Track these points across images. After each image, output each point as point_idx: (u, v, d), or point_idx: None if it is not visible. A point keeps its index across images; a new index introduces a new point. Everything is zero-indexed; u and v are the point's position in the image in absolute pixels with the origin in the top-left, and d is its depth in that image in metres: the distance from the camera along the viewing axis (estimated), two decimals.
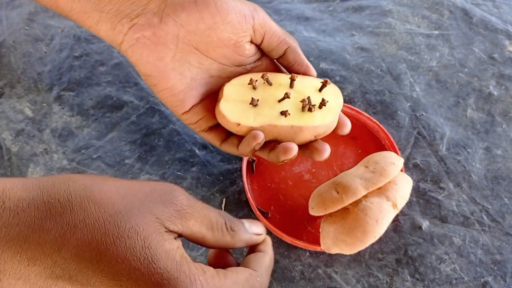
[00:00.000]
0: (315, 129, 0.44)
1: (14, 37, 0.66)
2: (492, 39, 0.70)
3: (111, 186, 0.27)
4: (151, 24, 0.43)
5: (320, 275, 0.49)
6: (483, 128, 0.61)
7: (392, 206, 0.47)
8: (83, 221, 0.25)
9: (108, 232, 0.25)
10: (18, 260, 0.25)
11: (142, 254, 0.26)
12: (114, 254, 0.25)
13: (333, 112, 0.45)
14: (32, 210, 0.25)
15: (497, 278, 0.49)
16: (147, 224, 0.26)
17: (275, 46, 0.46)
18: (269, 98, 0.45)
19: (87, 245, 0.25)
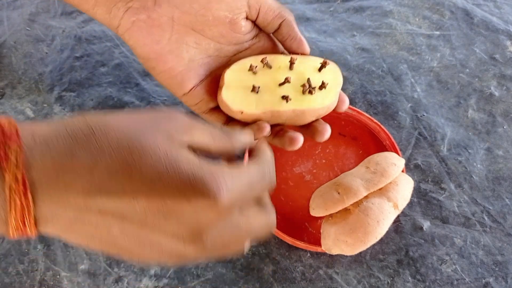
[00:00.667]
0: (316, 111, 0.44)
1: (15, 37, 0.66)
2: (493, 39, 0.70)
3: (120, 116, 0.30)
4: (146, 7, 0.43)
5: (321, 276, 0.49)
6: (484, 128, 0.60)
7: (393, 207, 0.47)
8: (108, 144, 0.27)
9: (132, 151, 0.27)
10: (55, 186, 0.26)
11: (167, 163, 0.28)
12: (142, 167, 0.27)
13: (333, 92, 0.45)
14: (60, 141, 0.27)
15: (498, 279, 0.49)
16: (163, 140, 0.29)
17: (270, 20, 0.46)
18: (270, 82, 0.45)
19: (116, 163, 0.27)
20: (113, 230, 0.28)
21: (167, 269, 0.49)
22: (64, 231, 0.28)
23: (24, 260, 0.50)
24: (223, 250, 0.31)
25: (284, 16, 0.47)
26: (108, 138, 0.28)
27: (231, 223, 0.30)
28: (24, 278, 0.49)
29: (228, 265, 0.50)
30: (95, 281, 0.49)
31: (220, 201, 0.28)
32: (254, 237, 0.33)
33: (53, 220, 0.27)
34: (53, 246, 0.51)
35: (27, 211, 0.26)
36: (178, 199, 0.27)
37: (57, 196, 0.27)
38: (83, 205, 0.27)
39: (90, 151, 0.27)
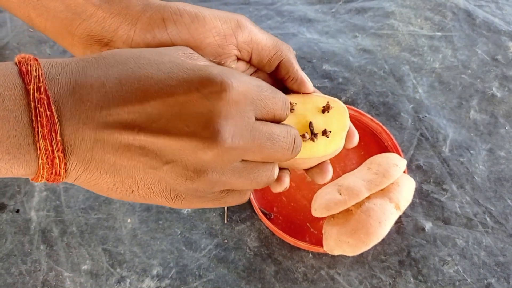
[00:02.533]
0: (319, 159, 0.41)
1: (18, 39, 0.66)
2: (495, 40, 0.70)
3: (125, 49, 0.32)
4: None
5: (323, 277, 0.49)
6: (486, 129, 0.60)
7: (395, 208, 0.47)
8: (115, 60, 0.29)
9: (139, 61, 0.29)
10: (73, 101, 0.27)
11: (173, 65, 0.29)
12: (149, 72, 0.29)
13: (337, 139, 0.41)
14: (73, 63, 0.29)
15: (500, 280, 0.49)
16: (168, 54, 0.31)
17: (265, 62, 0.42)
18: None
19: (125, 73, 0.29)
20: (132, 148, 0.28)
21: (169, 269, 0.50)
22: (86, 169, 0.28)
23: (26, 260, 0.50)
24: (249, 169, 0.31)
25: (281, 56, 0.42)
26: (115, 57, 0.29)
27: (249, 123, 0.30)
28: (27, 278, 0.49)
29: (230, 266, 0.50)
30: (97, 281, 0.49)
31: (228, 85, 0.28)
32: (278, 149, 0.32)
33: (75, 147, 0.28)
34: (55, 246, 0.51)
35: (54, 128, 0.27)
36: (188, 92, 0.28)
37: (75, 110, 0.27)
38: (100, 120, 0.27)
39: (100, 67, 0.29)
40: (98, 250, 0.51)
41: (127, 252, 0.51)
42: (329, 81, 0.65)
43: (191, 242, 0.51)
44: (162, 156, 0.28)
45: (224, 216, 0.53)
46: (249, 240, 0.52)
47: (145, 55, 0.30)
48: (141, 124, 0.28)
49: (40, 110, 0.26)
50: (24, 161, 0.27)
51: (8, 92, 0.26)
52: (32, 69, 0.27)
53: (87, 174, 0.29)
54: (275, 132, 0.31)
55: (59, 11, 0.40)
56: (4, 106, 0.26)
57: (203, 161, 0.28)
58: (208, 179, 0.29)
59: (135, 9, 0.38)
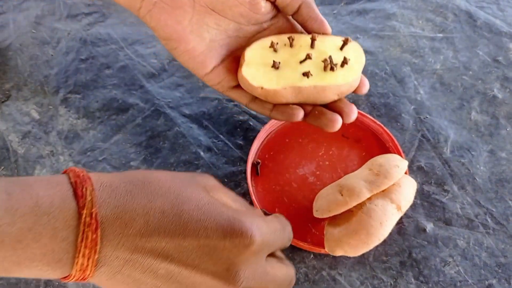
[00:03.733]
0: (338, 88, 0.44)
1: (21, 40, 0.67)
2: (497, 42, 0.70)
3: (165, 171, 0.35)
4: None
5: (324, 277, 0.49)
6: (487, 131, 0.61)
7: (396, 209, 0.47)
8: (159, 189, 0.32)
9: (179, 196, 0.32)
10: (117, 225, 0.30)
11: (210, 207, 0.32)
12: (190, 210, 0.31)
13: (355, 70, 0.45)
14: (122, 185, 0.31)
15: (502, 281, 0.49)
16: (201, 191, 0.33)
17: (289, 1, 0.46)
18: (290, 60, 0.45)
19: (167, 205, 0.31)
20: (159, 272, 0.30)
21: None
22: (111, 277, 0.30)
23: None
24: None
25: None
26: (159, 184, 0.32)
27: (261, 267, 0.34)
28: (29, 278, 0.49)
29: None
30: None
31: (255, 239, 0.32)
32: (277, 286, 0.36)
33: (109, 261, 0.29)
34: None
35: (94, 248, 0.29)
36: (220, 238, 0.31)
37: (118, 234, 0.29)
38: (139, 245, 0.30)
39: (145, 194, 0.31)
40: None
41: None
42: None
43: None
44: (184, 283, 0.31)
45: None
46: None
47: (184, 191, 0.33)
48: (174, 255, 0.30)
49: (87, 233, 0.28)
50: (60, 272, 0.29)
51: (61, 214, 0.28)
52: (87, 193, 0.29)
53: (110, 282, 0.31)
54: (278, 275, 0.36)
55: None
56: (54, 226, 0.28)
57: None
58: None
59: None
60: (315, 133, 0.59)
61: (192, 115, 0.60)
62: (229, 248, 0.31)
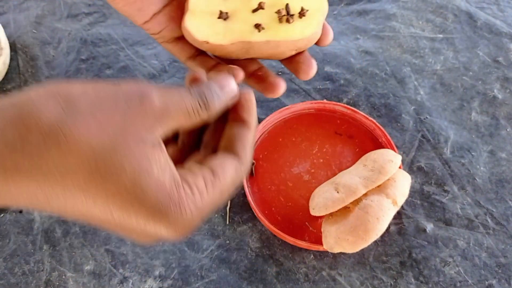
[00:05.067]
0: (295, 43, 0.38)
1: (21, 40, 0.67)
2: (497, 42, 0.70)
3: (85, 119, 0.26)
4: None
5: (324, 278, 0.49)
6: (487, 131, 0.61)
7: (392, 203, 0.48)
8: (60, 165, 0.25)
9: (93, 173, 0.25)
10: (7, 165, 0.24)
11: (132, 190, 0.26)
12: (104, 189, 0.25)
13: (315, 22, 0.39)
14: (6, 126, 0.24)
15: (502, 281, 0.49)
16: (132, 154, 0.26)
17: None
18: (241, 8, 0.39)
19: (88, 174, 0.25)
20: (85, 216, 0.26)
21: (171, 270, 0.50)
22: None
23: (30, 260, 0.50)
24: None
25: None
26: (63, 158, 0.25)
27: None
28: (30, 278, 0.49)
29: (232, 267, 0.50)
30: (100, 281, 0.49)
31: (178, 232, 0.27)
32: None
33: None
34: (58, 246, 0.51)
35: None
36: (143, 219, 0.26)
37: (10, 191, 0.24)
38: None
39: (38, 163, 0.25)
40: (101, 250, 0.51)
41: (129, 252, 0.51)
42: (331, 82, 0.65)
43: (193, 243, 0.52)
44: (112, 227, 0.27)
45: (226, 217, 0.53)
46: (250, 241, 0.52)
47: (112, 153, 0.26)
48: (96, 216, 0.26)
49: None
50: None
51: None
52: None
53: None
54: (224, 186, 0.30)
55: None
56: None
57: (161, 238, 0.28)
58: None
59: None
60: (308, 132, 0.59)
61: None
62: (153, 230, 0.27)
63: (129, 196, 0.26)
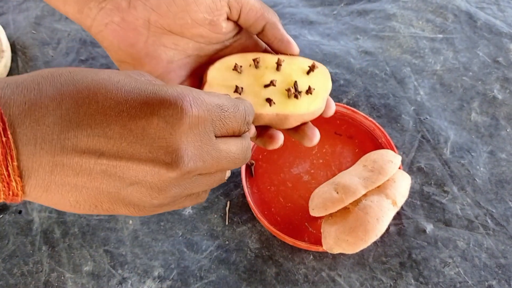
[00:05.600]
0: (301, 116, 0.42)
1: (21, 41, 0.67)
2: (497, 42, 0.70)
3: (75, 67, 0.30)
4: (120, 9, 0.40)
5: (323, 278, 0.49)
6: (487, 131, 0.60)
7: (392, 204, 0.47)
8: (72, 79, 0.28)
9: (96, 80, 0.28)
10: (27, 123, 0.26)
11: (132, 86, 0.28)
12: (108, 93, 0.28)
13: (320, 98, 0.43)
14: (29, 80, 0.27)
15: (501, 282, 0.49)
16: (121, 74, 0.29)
17: (252, 22, 0.43)
18: (254, 83, 0.43)
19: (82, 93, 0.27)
20: (93, 171, 0.27)
21: (170, 271, 0.50)
22: (46, 190, 0.27)
23: (28, 261, 0.50)
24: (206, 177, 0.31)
25: (267, 18, 0.44)
26: (72, 74, 0.28)
27: (209, 144, 0.30)
28: (28, 279, 0.49)
29: (231, 267, 0.50)
30: (99, 282, 0.49)
31: (187, 109, 0.28)
32: (231, 164, 0.32)
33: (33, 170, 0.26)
34: (57, 247, 0.51)
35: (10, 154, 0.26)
36: (147, 116, 0.27)
37: (32, 134, 0.26)
38: (58, 144, 0.26)
39: (56, 86, 0.27)
40: (100, 251, 0.51)
41: (128, 253, 0.51)
42: None
43: (192, 243, 0.51)
44: (125, 178, 0.28)
45: (225, 218, 0.53)
46: (250, 242, 0.52)
47: (103, 72, 0.29)
48: (102, 148, 0.27)
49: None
50: None
51: None
52: None
53: (48, 195, 0.28)
54: (232, 150, 0.32)
55: None
56: None
57: (166, 182, 0.29)
58: (171, 195, 0.30)
59: None
60: None
61: None
62: (160, 125, 0.28)
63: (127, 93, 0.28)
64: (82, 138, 0.27)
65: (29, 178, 0.27)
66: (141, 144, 0.28)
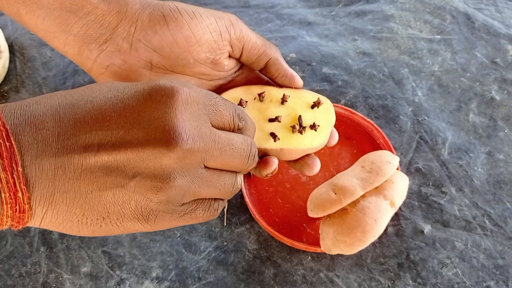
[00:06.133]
0: (304, 151, 0.43)
1: (19, 42, 0.67)
2: (495, 43, 0.70)
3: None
4: (121, 51, 0.40)
5: (321, 279, 0.49)
6: (485, 132, 0.61)
7: (390, 205, 0.48)
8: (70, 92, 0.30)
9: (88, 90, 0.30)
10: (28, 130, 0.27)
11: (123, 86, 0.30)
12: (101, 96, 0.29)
13: (324, 133, 0.43)
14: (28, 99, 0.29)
15: (499, 283, 0.49)
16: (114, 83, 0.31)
17: (255, 59, 0.44)
18: (259, 116, 0.43)
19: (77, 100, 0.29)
20: (94, 169, 0.28)
21: (168, 272, 0.50)
22: (51, 203, 0.27)
23: (26, 262, 0.50)
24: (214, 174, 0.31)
25: (269, 54, 0.44)
26: (67, 90, 0.30)
27: (206, 127, 0.30)
28: (26, 280, 0.49)
29: (229, 268, 0.50)
30: (97, 283, 0.49)
31: (178, 90, 0.29)
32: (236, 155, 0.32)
33: (37, 177, 0.27)
34: (55, 248, 0.51)
35: (14, 159, 0.26)
36: (141, 101, 0.28)
37: (33, 139, 0.27)
38: (59, 147, 0.27)
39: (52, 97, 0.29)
40: (98, 252, 0.51)
41: (126, 254, 0.51)
42: (329, 84, 0.65)
43: (190, 244, 0.51)
44: (127, 170, 0.28)
45: (224, 219, 0.53)
46: (248, 243, 0.52)
47: (96, 84, 0.30)
48: (100, 142, 0.28)
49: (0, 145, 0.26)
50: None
51: None
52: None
53: (53, 208, 0.28)
54: (233, 139, 0.32)
55: (52, 8, 0.39)
56: None
57: (168, 166, 0.28)
58: (176, 185, 0.29)
59: (134, 7, 0.39)
60: None
61: None
62: (154, 107, 0.28)
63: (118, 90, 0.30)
64: (80, 136, 0.27)
65: (33, 187, 0.27)
66: (137, 128, 0.28)
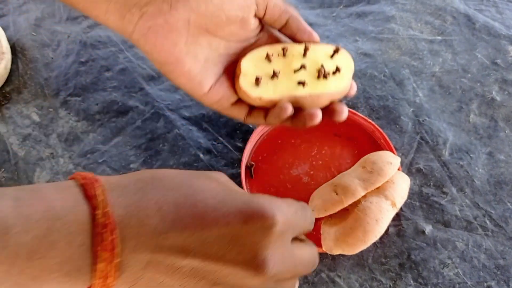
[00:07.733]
0: (332, 95, 0.47)
1: (21, 43, 0.67)
2: (495, 44, 0.70)
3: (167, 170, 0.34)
4: (162, 12, 0.43)
5: (323, 279, 0.49)
6: (486, 133, 0.61)
7: (391, 205, 0.48)
8: (171, 183, 0.31)
9: (192, 187, 0.31)
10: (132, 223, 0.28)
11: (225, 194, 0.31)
12: (205, 199, 0.30)
13: (346, 77, 0.48)
14: (132, 184, 0.30)
15: (500, 283, 0.49)
16: (213, 182, 0.32)
17: (277, 17, 0.48)
18: (285, 69, 0.47)
19: (180, 197, 0.30)
20: (183, 270, 0.29)
21: None
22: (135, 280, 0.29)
23: None
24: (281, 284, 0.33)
25: (290, 12, 0.48)
26: (169, 179, 0.31)
27: (288, 250, 0.32)
28: None
29: None
30: None
31: (277, 220, 0.30)
32: (305, 269, 0.35)
33: (129, 266, 0.28)
34: None
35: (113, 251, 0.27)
36: (241, 223, 0.30)
37: (135, 233, 0.28)
38: (157, 243, 0.28)
39: (156, 189, 0.30)
40: None
41: None
42: None
43: None
44: (211, 278, 0.30)
45: None
46: None
47: (195, 182, 0.32)
48: (195, 249, 0.29)
49: (104, 235, 0.27)
50: (81, 282, 0.27)
51: (75, 217, 0.27)
52: (97, 193, 0.28)
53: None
54: (305, 257, 0.34)
55: None
56: (70, 231, 0.27)
57: (248, 285, 0.30)
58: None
59: None
60: (307, 134, 0.59)
61: (192, 118, 0.60)
62: (252, 232, 0.30)
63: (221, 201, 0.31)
64: (178, 239, 0.29)
65: (123, 272, 0.28)
66: (232, 247, 0.29)
